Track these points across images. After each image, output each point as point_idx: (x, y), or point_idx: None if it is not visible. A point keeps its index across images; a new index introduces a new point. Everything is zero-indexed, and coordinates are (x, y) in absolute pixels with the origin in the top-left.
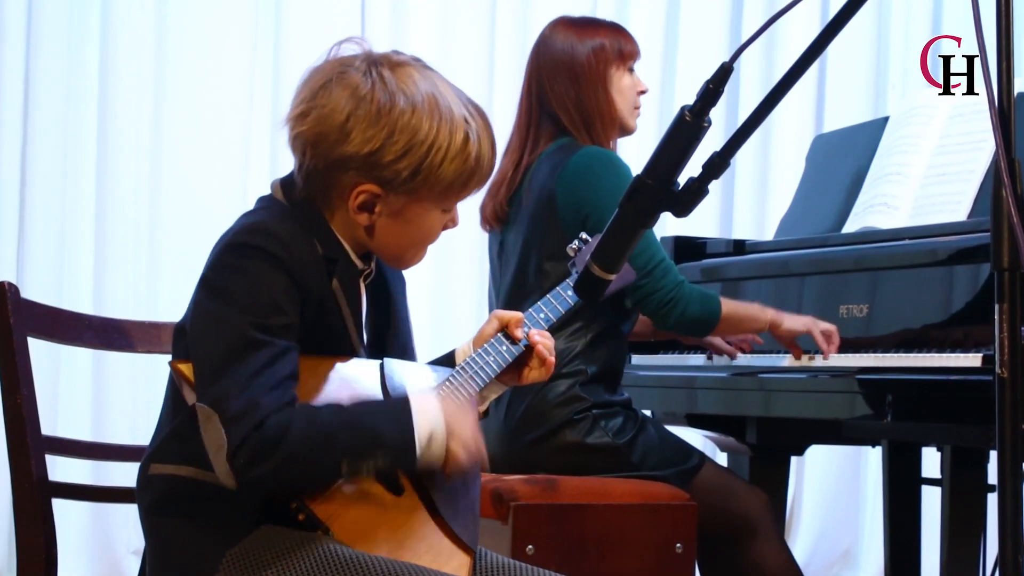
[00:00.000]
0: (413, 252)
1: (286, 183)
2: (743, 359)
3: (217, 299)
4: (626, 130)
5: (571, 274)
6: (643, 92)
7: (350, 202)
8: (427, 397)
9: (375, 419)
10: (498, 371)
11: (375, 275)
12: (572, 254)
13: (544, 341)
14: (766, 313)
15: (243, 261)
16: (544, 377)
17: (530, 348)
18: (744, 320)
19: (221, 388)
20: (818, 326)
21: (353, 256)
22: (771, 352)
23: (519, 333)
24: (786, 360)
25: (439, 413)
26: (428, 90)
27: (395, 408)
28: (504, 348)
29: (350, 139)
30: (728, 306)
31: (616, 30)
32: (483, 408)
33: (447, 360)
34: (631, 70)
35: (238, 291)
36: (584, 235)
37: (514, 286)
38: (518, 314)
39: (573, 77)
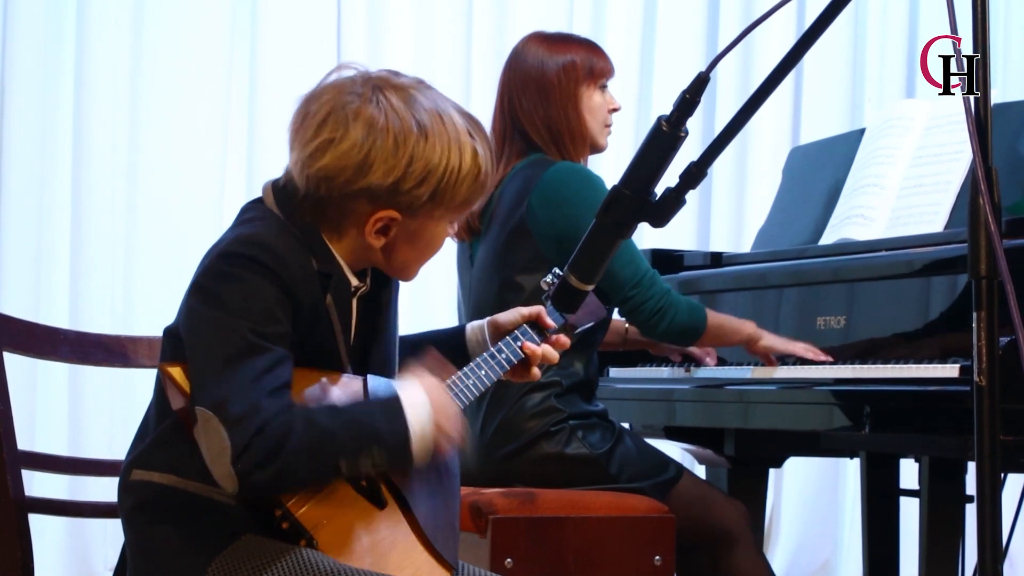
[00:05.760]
0: (420, 265)
1: (279, 190)
2: (721, 371)
3: (213, 305)
4: (596, 148)
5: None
6: (615, 110)
7: (367, 228)
8: (416, 392)
9: (370, 418)
10: (487, 386)
11: (368, 291)
12: (546, 288)
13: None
14: (746, 327)
15: (238, 270)
16: (537, 376)
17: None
18: (727, 332)
19: (221, 392)
20: (796, 347)
21: (348, 273)
22: (749, 364)
23: (548, 321)
24: (763, 370)
25: (427, 407)
26: (436, 113)
27: (387, 406)
28: (496, 363)
29: (372, 171)
30: (713, 316)
31: (589, 47)
32: None
33: (456, 334)
34: (603, 88)
35: (234, 298)
36: (557, 270)
37: (486, 300)
38: (540, 308)
39: (542, 93)
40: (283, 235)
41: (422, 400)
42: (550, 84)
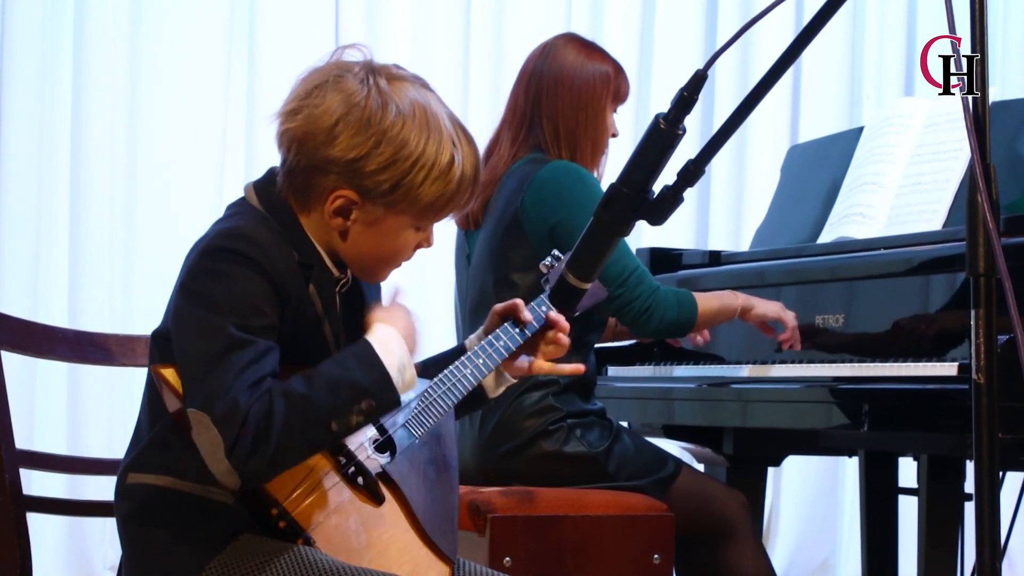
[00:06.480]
0: (383, 266)
1: (260, 187)
2: (720, 370)
3: (198, 304)
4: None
5: (544, 290)
6: (614, 135)
7: (326, 205)
8: (383, 330)
9: (346, 371)
10: (483, 376)
11: (351, 285)
12: (545, 271)
13: (559, 321)
14: (737, 300)
15: (221, 265)
16: (560, 353)
17: (538, 332)
18: (719, 313)
19: (208, 390)
20: (787, 313)
21: (328, 263)
22: (747, 363)
23: (527, 315)
24: (762, 368)
25: (399, 339)
26: (421, 107)
27: (359, 353)
28: (494, 350)
29: (336, 143)
30: (702, 303)
31: (619, 67)
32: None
33: (456, 353)
34: (615, 111)
35: (218, 295)
36: (556, 252)
37: (481, 298)
38: (517, 300)
39: (575, 93)
40: (263, 227)
41: (391, 335)
42: (587, 87)
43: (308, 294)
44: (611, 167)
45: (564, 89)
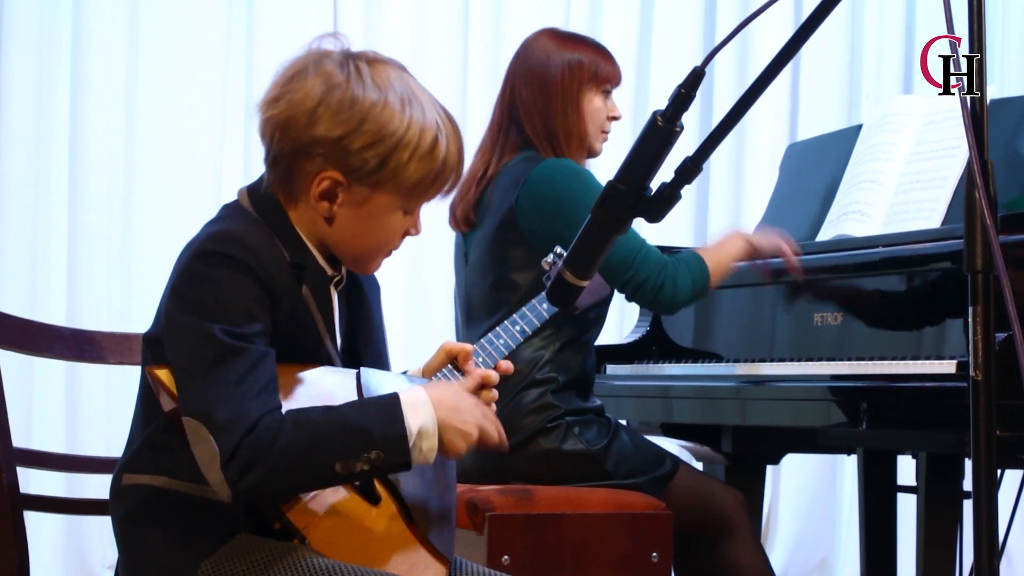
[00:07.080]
0: (372, 254)
1: (252, 190)
2: (718, 368)
3: (189, 310)
4: (590, 152)
5: (545, 287)
6: (615, 118)
7: (312, 189)
8: (416, 391)
9: (364, 418)
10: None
11: (348, 282)
12: (547, 268)
13: (490, 377)
14: (738, 243)
15: (212, 270)
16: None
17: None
18: (728, 264)
19: (206, 400)
20: (785, 236)
21: (321, 261)
22: (745, 361)
23: (470, 366)
24: (760, 367)
25: (428, 406)
26: (402, 88)
27: (384, 405)
28: (494, 348)
29: (319, 123)
30: (712, 261)
31: (599, 51)
32: None
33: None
34: (606, 94)
35: (210, 300)
36: (559, 249)
37: (479, 299)
38: (467, 347)
39: (543, 87)
40: (254, 229)
41: (421, 398)
42: (552, 80)
43: (301, 295)
44: (610, 164)
45: (532, 84)
